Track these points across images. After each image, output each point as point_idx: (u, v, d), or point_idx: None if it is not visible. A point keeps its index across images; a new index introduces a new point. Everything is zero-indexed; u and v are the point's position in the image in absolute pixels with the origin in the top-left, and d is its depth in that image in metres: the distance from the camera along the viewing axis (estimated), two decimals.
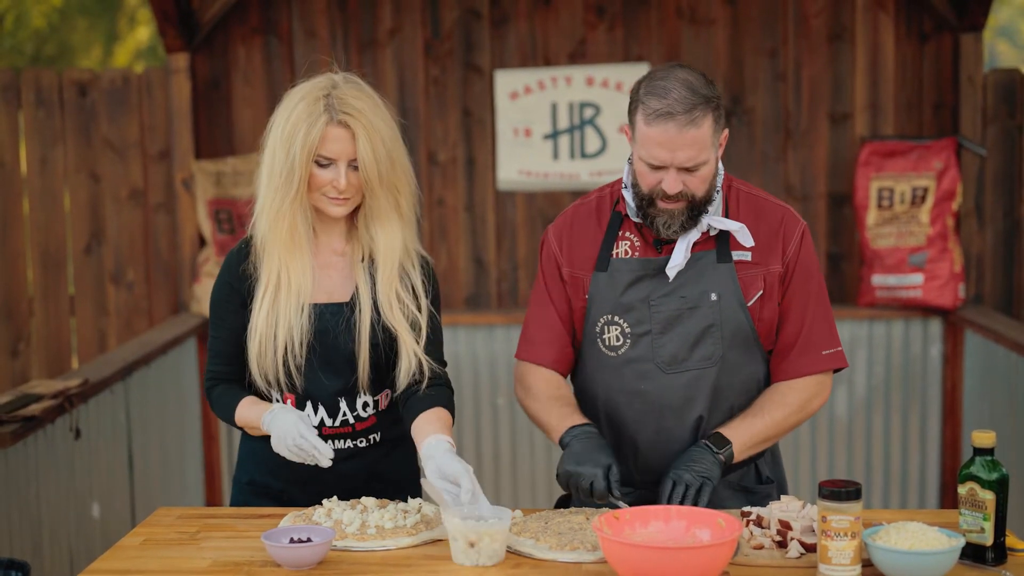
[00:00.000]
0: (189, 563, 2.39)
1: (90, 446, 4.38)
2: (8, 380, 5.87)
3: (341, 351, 2.73)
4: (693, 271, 2.67)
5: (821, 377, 2.75)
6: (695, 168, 2.58)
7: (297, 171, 2.63)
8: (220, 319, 2.78)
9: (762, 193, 2.77)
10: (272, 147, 2.67)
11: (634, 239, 2.73)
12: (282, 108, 2.69)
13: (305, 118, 2.62)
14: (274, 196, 2.67)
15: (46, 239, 5.89)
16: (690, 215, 2.62)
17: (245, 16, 5.84)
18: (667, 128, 2.54)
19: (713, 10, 5.71)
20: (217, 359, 2.80)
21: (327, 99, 2.64)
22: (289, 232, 2.68)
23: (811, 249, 2.74)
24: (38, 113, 5.85)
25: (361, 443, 2.81)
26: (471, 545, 2.30)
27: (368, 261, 2.76)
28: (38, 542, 3.99)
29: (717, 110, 2.58)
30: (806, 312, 2.72)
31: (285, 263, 2.69)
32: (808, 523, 2.35)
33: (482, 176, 5.86)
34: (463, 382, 5.75)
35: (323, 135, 2.62)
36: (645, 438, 2.73)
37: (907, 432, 5.65)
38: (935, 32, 5.65)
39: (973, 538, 2.28)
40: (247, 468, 2.89)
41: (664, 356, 2.68)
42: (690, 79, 2.56)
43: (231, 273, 2.76)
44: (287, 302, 2.68)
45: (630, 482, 2.77)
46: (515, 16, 5.78)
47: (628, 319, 2.70)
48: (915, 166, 5.51)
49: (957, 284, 5.47)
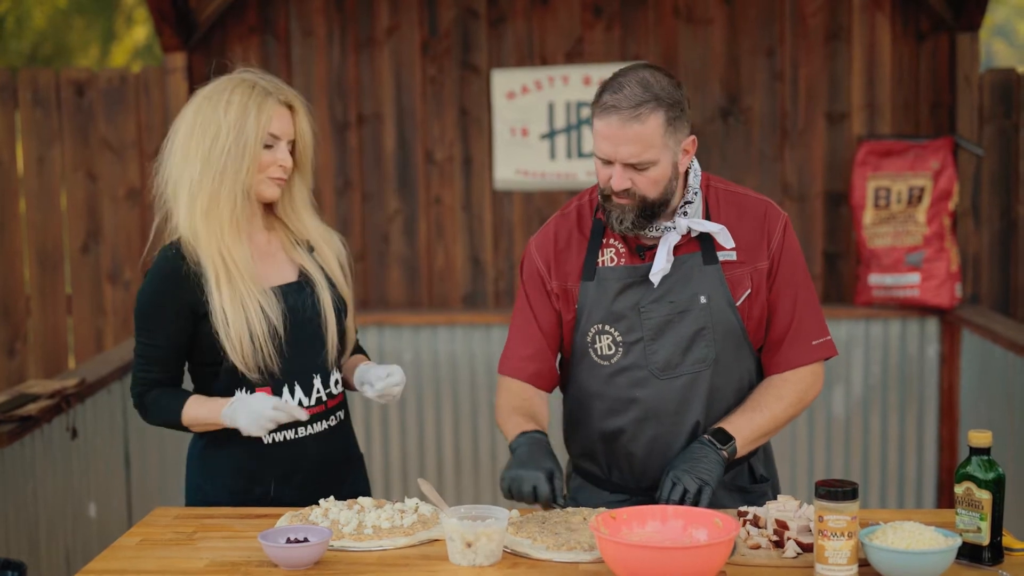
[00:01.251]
0: (186, 563, 2.39)
1: (87, 446, 4.37)
2: (5, 380, 5.87)
3: (310, 328, 2.77)
4: (680, 275, 2.66)
5: (813, 367, 2.74)
6: (642, 167, 2.55)
7: (249, 151, 2.68)
8: (155, 326, 2.72)
9: (741, 189, 2.76)
10: (213, 133, 2.66)
11: (618, 246, 2.71)
12: (208, 102, 2.70)
13: (252, 100, 2.68)
14: (218, 179, 2.67)
15: (43, 238, 5.89)
16: (641, 213, 2.60)
17: (242, 15, 5.84)
18: (610, 121, 2.54)
19: (710, 9, 5.72)
20: (151, 365, 2.75)
21: (260, 85, 2.71)
22: (229, 217, 2.69)
23: (794, 239, 2.73)
24: (35, 113, 5.85)
25: (332, 421, 2.85)
26: (468, 545, 2.30)
27: (305, 245, 2.84)
28: (35, 542, 3.98)
29: (672, 110, 2.55)
30: (795, 303, 2.71)
31: (228, 250, 2.69)
32: (805, 523, 2.35)
33: (479, 175, 5.86)
34: (460, 381, 5.76)
35: (273, 114, 2.70)
36: (641, 445, 2.72)
37: (904, 432, 5.65)
38: (932, 32, 5.66)
39: (970, 538, 2.28)
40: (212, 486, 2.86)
41: (657, 362, 2.67)
42: (648, 78, 2.55)
43: (169, 279, 2.71)
44: (247, 287, 2.69)
45: (628, 490, 2.77)
46: (512, 15, 5.78)
47: (619, 327, 2.68)
48: (912, 165, 5.51)
49: (954, 284, 5.47)
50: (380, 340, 5.74)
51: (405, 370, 5.72)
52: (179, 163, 2.71)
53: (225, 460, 2.81)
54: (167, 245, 2.75)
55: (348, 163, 5.88)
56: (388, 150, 5.87)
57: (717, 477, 2.56)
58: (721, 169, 5.70)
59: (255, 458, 2.78)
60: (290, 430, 2.78)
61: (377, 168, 5.89)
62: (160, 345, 2.73)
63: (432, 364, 5.77)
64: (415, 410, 5.80)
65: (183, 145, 2.71)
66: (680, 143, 2.59)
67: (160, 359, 2.75)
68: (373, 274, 5.91)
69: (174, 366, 2.77)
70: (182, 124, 2.73)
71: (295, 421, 2.74)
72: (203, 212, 2.68)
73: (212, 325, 2.68)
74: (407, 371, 5.74)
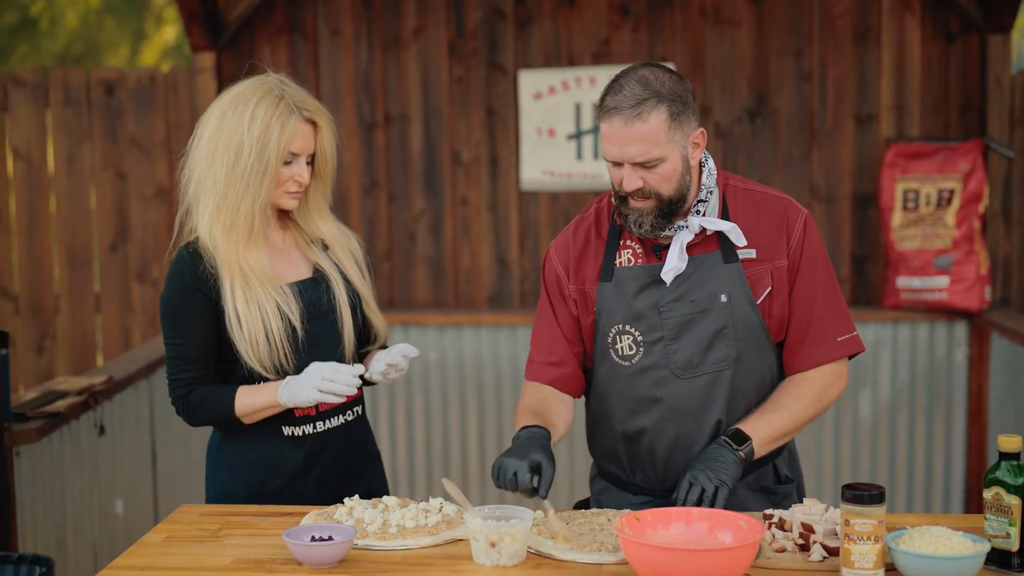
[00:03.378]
0: (211, 560, 2.40)
1: (114, 443, 4.40)
2: (34, 377, 5.91)
3: (326, 323, 2.80)
4: (700, 273, 2.65)
5: (836, 365, 2.72)
6: (650, 165, 2.55)
7: (271, 170, 2.71)
8: (184, 326, 2.75)
9: (759, 187, 2.74)
10: (237, 147, 2.69)
11: (635, 247, 2.71)
12: (234, 109, 2.72)
13: (276, 117, 2.70)
14: (240, 196, 2.71)
15: (72, 237, 5.92)
16: (660, 213, 2.59)
17: (270, 15, 5.86)
18: (613, 123, 2.54)
19: (738, 10, 5.70)
20: (188, 365, 2.77)
21: (286, 99, 2.73)
22: (247, 229, 2.73)
23: (815, 236, 2.70)
24: (65, 112, 5.89)
25: (350, 416, 2.88)
26: (492, 545, 2.30)
27: (320, 243, 2.89)
28: (62, 538, 4.01)
29: (675, 105, 2.54)
30: (815, 301, 2.68)
31: (244, 256, 2.73)
32: (831, 526, 2.34)
33: (505, 176, 5.86)
34: (485, 381, 5.76)
35: (294, 133, 2.72)
36: (664, 445, 2.71)
37: (932, 435, 5.62)
38: (962, 33, 5.62)
39: (998, 543, 2.27)
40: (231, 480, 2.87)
41: (679, 361, 2.66)
42: (647, 76, 2.55)
43: (188, 278, 2.74)
44: (263, 288, 2.72)
45: (652, 491, 2.76)
46: (539, 16, 5.78)
47: (639, 327, 2.68)
48: (941, 168, 5.48)
49: (983, 287, 5.43)
50: (405, 340, 5.75)
51: (430, 370, 5.76)
52: (203, 166, 2.74)
53: (242, 454, 2.83)
54: (184, 245, 2.79)
55: (375, 163, 5.89)
56: (415, 150, 5.88)
57: (734, 477, 2.55)
58: (748, 170, 5.68)
59: (272, 452, 2.80)
60: (308, 424, 2.80)
61: (404, 168, 5.90)
62: (192, 343, 2.75)
63: (457, 364, 5.78)
64: (440, 410, 5.80)
65: (208, 148, 2.73)
66: (688, 136, 2.58)
67: (194, 358, 2.76)
68: (399, 274, 5.92)
69: (209, 362, 2.78)
70: (208, 125, 2.75)
71: (310, 414, 2.80)
72: (225, 226, 2.72)
73: (228, 327, 2.71)
74: (432, 371, 5.75)
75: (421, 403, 5.77)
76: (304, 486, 2.82)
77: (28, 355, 5.94)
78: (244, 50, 5.86)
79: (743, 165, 5.69)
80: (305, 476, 2.83)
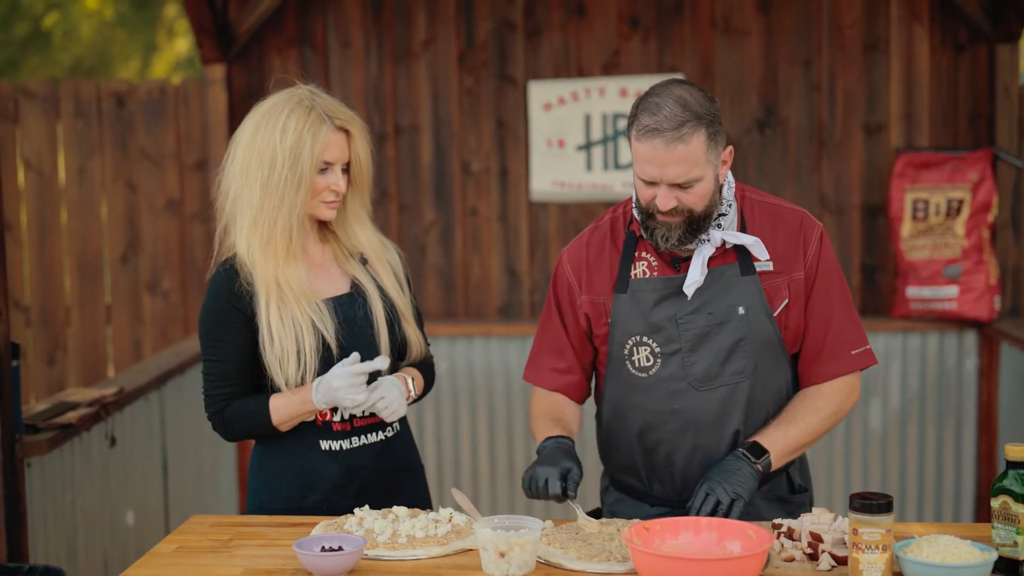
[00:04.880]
0: (222, 570, 2.41)
1: (125, 454, 4.41)
2: (44, 388, 5.93)
3: (363, 339, 2.80)
4: (718, 286, 2.66)
5: (850, 378, 2.73)
6: (688, 185, 2.55)
7: (305, 180, 2.71)
8: (221, 341, 2.76)
9: (775, 200, 2.76)
10: (270, 160, 2.70)
11: (651, 259, 2.71)
12: (266, 122, 2.74)
13: (308, 127, 2.72)
14: (277, 209, 2.71)
15: (83, 248, 5.95)
16: (688, 228, 2.60)
17: (281, 27, 5.89)
18: (655, 144, 2.53)
19: (747, 21, 5.71)
20: (224, 382, 2.78)
21: (317, 108, 2.75)
22: (285, 243, 2.73)
23: (830, 250, 2.72)
24: (76, 123, 5.92)
25: (389, 432, 2.88)
26: (501, 555, 2.31)
27: (358, 257, 2.88)
28: (73, 549, 4.02)
29: (712, 126, 2.55)
30: (831, 314, 2.70)
31: (282, 272, 2.73)
32: (839, 535, 2.34)
33: (515, 186, 5.87)
34: (495, 392, 5.77)
35: (327, 142, 2.73)
36: (682, 456, 2.71)
37: (942, 445, 5.61)
38: (970, 42, 5.62)
39: (1006, 552, 2.27)
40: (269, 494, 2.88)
41: (696, 373, 2.67)
42: (684, 96, 2.54)
43: (224, 295, 2.75)
44: (299, 305, 2.73)
45: (670, 503, 2.77)
46: (549, 27, 5.79)
47: (657, 339, 2.68)
48: (950, 178, 5.48)
49: (992, 296, 5.43)
50: None
51: (440, 381, 5.76)
52: (239, 181, 2.75)
53: (281, 467, 2.83)
54: (222, 262, 2.80)
55: (385, 174, 5.90)
56: (425, 161, 5.89)
57: (751, 490, 2.56)
58: (758, 180, 5.68)
59: (310, 466, 2.81)
60: (346, 439, 2.81)
61: (414, 179, 5.92)
62: (228, 360, 2.77)
63: (468, 375, 5.79)
64: (451, 420, 5.81)
65: (243, 163, 2.74)
66: (719, 156, 2.60)
67: (230, 374, 2.78)
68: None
69: (246, 379, 2.79)
70: (241, 141, 2.76)
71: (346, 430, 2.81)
72: (263, 242, 2.72)
73: (260, 343, 2.72)
74: (442, 382, 5.75)
75: (432, 414, 5.78)
76: (341, 501, 2.81)
77: (39, 366, 5.96)
78: (255, 62, 5.89)
79: (752, 175, 5.70)
80: (343, 491, 2.82)
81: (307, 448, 2.81)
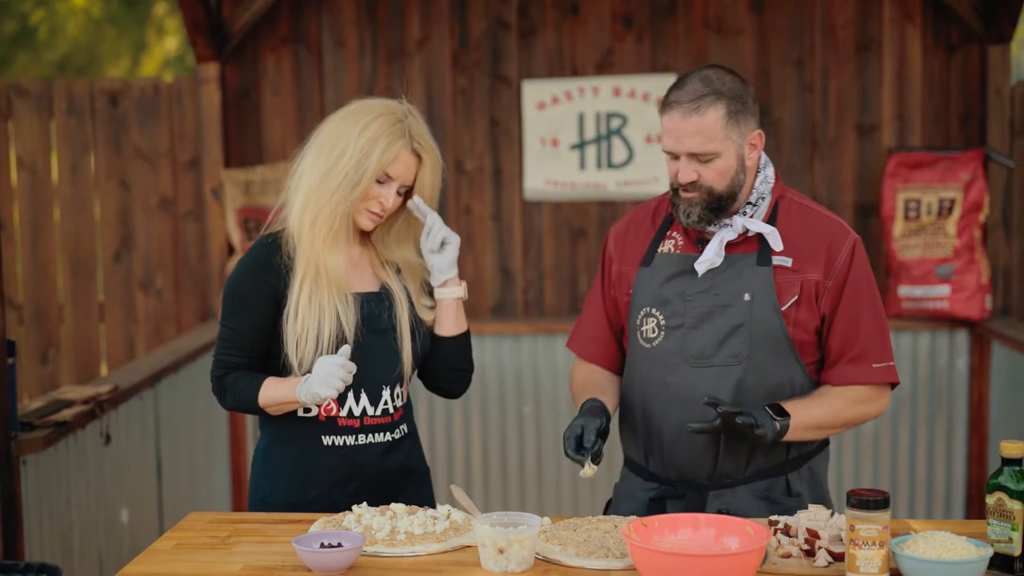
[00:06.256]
0: (220, 567, 2.41)
1: (120, 452, 4.41)
2: (38, 386, 5.93)
3: (385, 340, 2.82)
4: (731, 271, 2.72)
5: (874, 389, 2.75)
6: (706, 159, 2.65)
7: (364, 182, 2.74)
8: (242, 309, 2.79)
9: (816, 206, 2.81)
10: (341, 150, 2.74)
11: (679, 238, 2.81)
12: (353, 116, 2.78)
13: (386, 135, 2.74)
14: (329, 196, 2.75)
15: (76, 246, 5.94)
16: (708, 207, 2.69)
17: (274, 26, 5.89)
18: (672, 116, 2.66)
19: (740, 21, 5.73)
20: (232, 349, 2.81)
21: (404, 124, 2.77)
22: (329, 231, 2.76)
23: (863, 263, 2.75)
24: (69, 122, 5.91)
25: (397, 434, 2.89)
26: (500, 551, 2.32)
27: (394, 267, 2.90)
28: (68, 546, 4.02)
29: (734, 104, 2.65)
30: (859, 325, 2.72)
31: (322, 257, 2.76)
32: (836, 532, 2.36)
33: (509, 186, 5.88)
34: (489, 391, 5.77)
35: (397, 156, 2.75)
36: (669, 430, 2.76)
37: (933, 443, 5.63)
38: (962, 43, 5.65)
39: (1001, 548, 2.28)
40: (271, 486, 2.89)
41: (693, 350, 2.72)
42: (711, 75, 2.66)
43: (260, 267, 2.79)
44: (329, 292, 2.76)
45: (659, 479, 2.81)
46: (543, 26, 5.80)
47: (664, 312, 2.76)
48: (942, 177, 5.50)
49: (984, 295, 5.46)
50: None
51: None
52: (310, 159, 2.79)
53: (283, 462, 2.85)
54: (267, 234, 2.84)
55: None
56: None
57: (764, 428, 2.58)
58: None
59: (311, 460, 2.82)
60: (351, 435, 2.82)
61: None
62: (243, 330, 2.79)
63: None
64: (444, 419, 5.81)
65: (319, 145, 2.79)
66: (745, 136, 2.69)
67: (242, 344, 2.80)
68: None
69: (256, 352, 2.81)
70: (326, 125, 2.81)
71: (353, 426, 2.82)
72: (311, 220, 2.76)
73: (284, 319, 2.75)
74: None
75: (425, 413, 5.78)
76: (342, 497, 2.82)
77: (32, 364, 5.95)
78: (248, 61, 5.89)
79: None
80: (343, 487, 2.83)
81: (310, 443, 2.82)
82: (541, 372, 5.75)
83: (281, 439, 2.85)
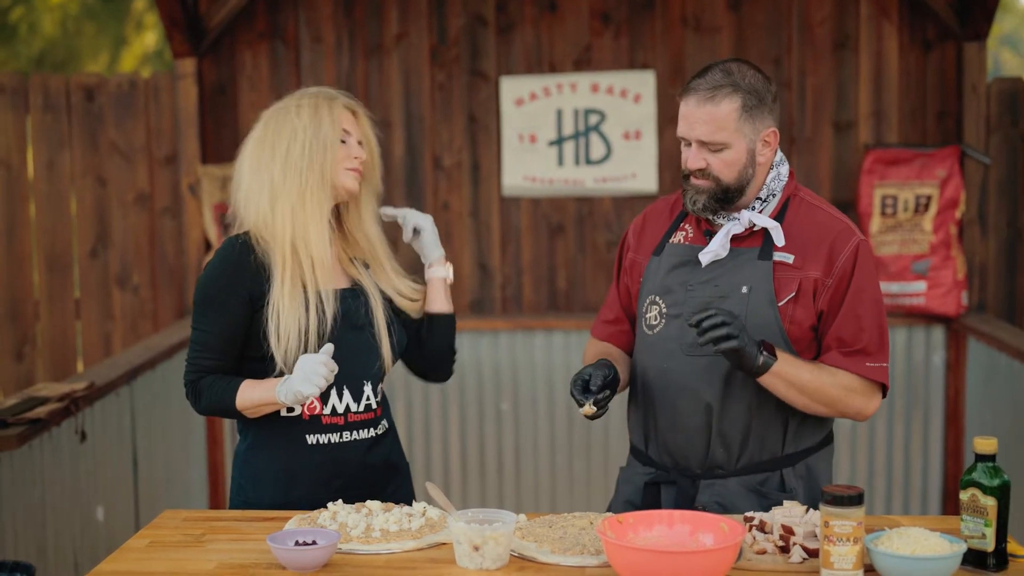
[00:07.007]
0: (194, 565, 2.40)
1: (95, 449, 4.39)
2: (13, 383, 5.89)
3: (364, 336, 2.84)
4: (733, 264, 2.74)
5: (867, 383, 2.73)
6: (715, 148, 2.69)
7: (330, 145, 2.79)
8: (214, 315, 2.77)
9: (826, 205, 2.82)
10: (290, 135, 2.78)
11: (690, 230, 2.85)
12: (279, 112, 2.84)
13: (323, 103, 2.82)
14: (299, 180, 2.77)
15: (52, 242, 5.91)
16: (714, 196, 2.72)
17: (252, 22, 5.87)
18: (688, 102, 2.71)
19: (718, 18, 5.73)
20: (206, 352, 2.79)
21: (324, 92, 2.86)
22: (317, 213, 2.79)
23: (867, 265, 2.73)
24: (45, 117, 5.88)
25: (380, 429, 2.89)
26: (475, 549, 2.32)
27: (360, 263, 2.94)
28: (43, 544, 4.00)
29: (751, 99, 2.68)
30: (859, 325, 2.70)
31: (309, 247, 2.77)
32: (811, 528, 2.36)
33: (487, 182, 5.87)
34: (467, 387, 5.77)
35: (341, 113, 2.84)
36: (664, 416, 2.80)
37: (909, 439, 5.66)
38: (939, 41, 5.67)
39: (975, 544, 2.29)
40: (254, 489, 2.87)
41: (688, 338, 2.73)
42: (732, 67, 2.71)
43: (233, 268, 2.77)
44: (311, 286, 2.76)
45: (654, 464, 2.84)
46: (521, 23, 5.80)
47: (667, 300, 2.80)
48: (919, 174, 5.52)
49: (960, 292, 5.48)
50: None
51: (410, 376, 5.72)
52: (250, 174, 2.81)
53: (267, 462, 2.84)
54: (233, 236, 2.83)
55: None
56: (397, 156, 5.89)
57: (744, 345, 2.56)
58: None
59: (295, 460, 2.81)
60: (335, 433, 2.82)
61: (386, 174, 5.84)
62: (217, 333, 2.78)
63: None
64: (421, 416, 5.81)
65: (253, 157, 2.82)
66: (759, 132, 2.71)
67: (215, 346, 2.78)
68: None
69: (229, 355, 2.80)
70: (252, 137, 2.85)
71: (337, 423, 2.82)
72: (289, 211, 2.77)
73: (265, 316, 2.74)
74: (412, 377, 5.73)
75: (403, 409, 5.78)
76: (326, 496, 2.81)
77: (7, 361, 5.92)
78: (225, 56, 5.87)
79: None
80: (328, 486, 2.82)
81: (293, 443, 2.81)
82: (519, 368, 5.76)
83: (264, 440, 2.84)
